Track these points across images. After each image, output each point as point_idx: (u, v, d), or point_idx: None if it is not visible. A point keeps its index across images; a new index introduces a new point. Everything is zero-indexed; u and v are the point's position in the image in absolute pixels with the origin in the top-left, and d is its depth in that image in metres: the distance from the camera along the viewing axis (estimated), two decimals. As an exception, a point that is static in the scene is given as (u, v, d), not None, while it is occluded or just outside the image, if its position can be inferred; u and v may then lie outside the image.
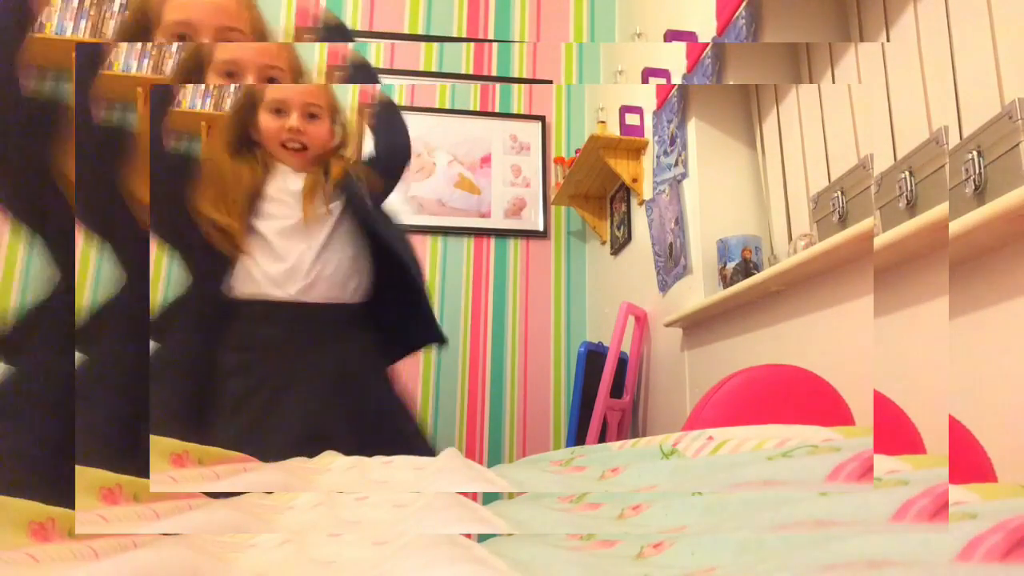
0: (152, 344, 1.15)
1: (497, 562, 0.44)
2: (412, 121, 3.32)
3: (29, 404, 1.07)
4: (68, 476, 0.55)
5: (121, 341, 1.15)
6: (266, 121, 1.33)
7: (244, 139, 1.34)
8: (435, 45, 3.20)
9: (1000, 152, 0.99)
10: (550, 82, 3.25)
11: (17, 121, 1.06)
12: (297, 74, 1.37)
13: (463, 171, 3.10)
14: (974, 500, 0.42)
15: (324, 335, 1.27)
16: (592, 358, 2.35)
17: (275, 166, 1.34)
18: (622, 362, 2.32)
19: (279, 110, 1.33)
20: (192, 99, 2.78)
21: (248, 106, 1.33)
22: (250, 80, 1.23)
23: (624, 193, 2.61)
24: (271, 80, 1.28)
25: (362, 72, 1.51)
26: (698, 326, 1.97)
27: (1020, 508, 0.34)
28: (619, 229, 2.68)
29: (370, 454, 0.82)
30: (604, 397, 2.23)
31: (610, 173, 2.52)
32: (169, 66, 2.79)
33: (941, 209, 1.02)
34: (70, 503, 0.53)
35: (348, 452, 0.84)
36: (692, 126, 2.02)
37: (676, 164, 2.09)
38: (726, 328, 1.80)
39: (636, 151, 2.46)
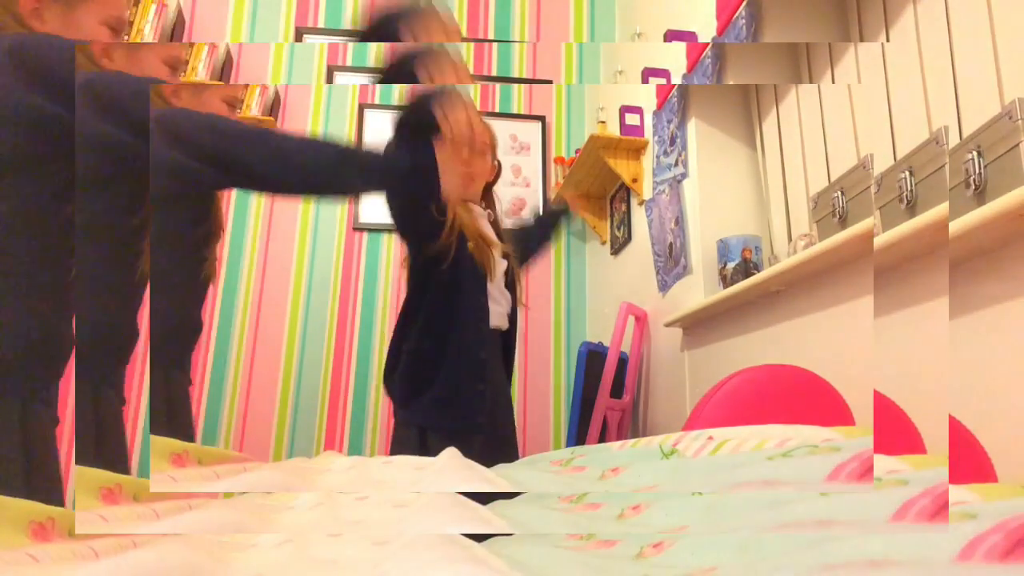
0: None
1: (497, 562, 0.44)
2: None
3: None
4: None
5: None
6: None
7: None
8: (435, 45, 3.20)
9: (1000, 152, 0.99)
10: (550, 82, 3.25)
11: None
12: (495, 148, 1.77)
13: (463, 171, 3.10)
14: (974, 500, 0.42)
15: None
16: (592, 358, 2.35)
17: None
18: (622, 362, 2.32)
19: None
20: (192, 99, 2.77)
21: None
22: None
23: (624, 193, 2.61)
24: (480, 153, 1.67)
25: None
26: (698, 326, 1.96)
27: (1020, 508, 0.33)
28: (619, 229, 2.68)
29: None
30: (604, 397, 2.22)
31: (610, 173, 2.52)
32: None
33: (941, 209, 1.02)
34: None
35: None
36: (692, 126, 2.02)
37: (676, 164, 2.09)
38: (726, 328, 1.80)
39: (636, 151, 2.46)
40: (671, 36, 2.09)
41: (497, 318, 1.69)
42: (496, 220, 1.78)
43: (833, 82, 1.68)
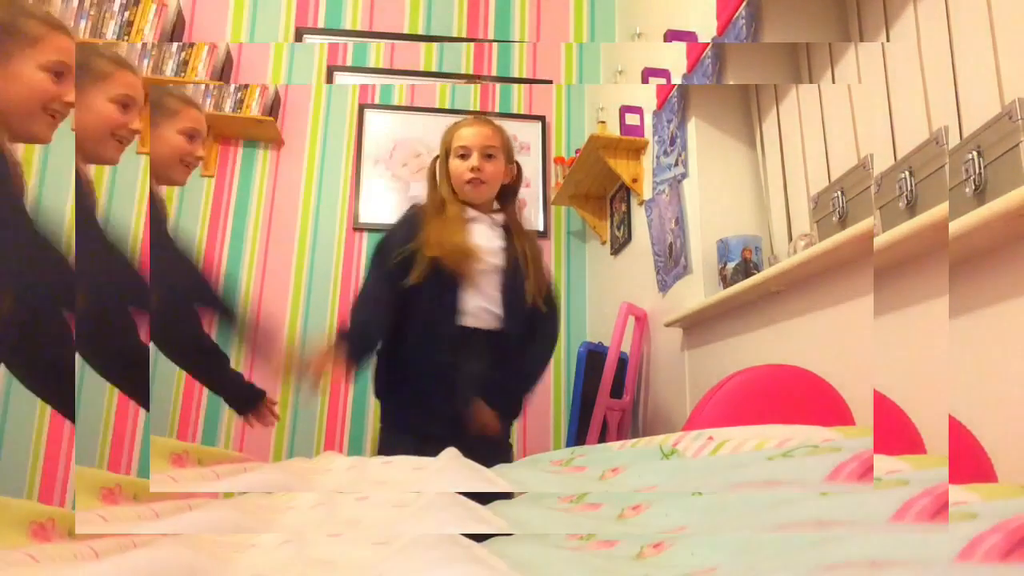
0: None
1: (497, 562, 0.44)
2: (413, 121, 3.31)
3: None
4: None
5: None
6: (454, 164, 1.67)
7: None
8: (435, 45, 3.20)
9: (1000, 152, 0.99)
10: (550, 82, 3.25)
11: None
12: (508, 151, 1.74)
13: (463, 171, 3.10)
14: (974, 500, 0.42)
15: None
16: (592, 358, 2.34)
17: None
18: (622, 362, 2.32)
19: (463, 155, 1.66)
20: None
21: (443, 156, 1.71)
22: (475, 157, 1.67)
23: (624, 193, 2.61)
24: (489, 156, 1.68)
25: None
26: (698, 326, 1.96)
27: (1020, 508, 0.34)
28: (619, 229, 2.68)
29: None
30: (604, 397, 2.22)
31: (610, 173, 2.52)
32: (168, 67, 2.79)
33: (941, 209, 1.02)
34: None
35: None
36: (692, 126, 2.02)
37: (676, 164, 2.09)
38: (726, 328, 1.80)
39: (636, 151, 2.46)
40: (671, 36, 2.09)
41: (474, 318, 1.62)
42: (513, 221, 1.75)
43: (833, 82, 1.68)
